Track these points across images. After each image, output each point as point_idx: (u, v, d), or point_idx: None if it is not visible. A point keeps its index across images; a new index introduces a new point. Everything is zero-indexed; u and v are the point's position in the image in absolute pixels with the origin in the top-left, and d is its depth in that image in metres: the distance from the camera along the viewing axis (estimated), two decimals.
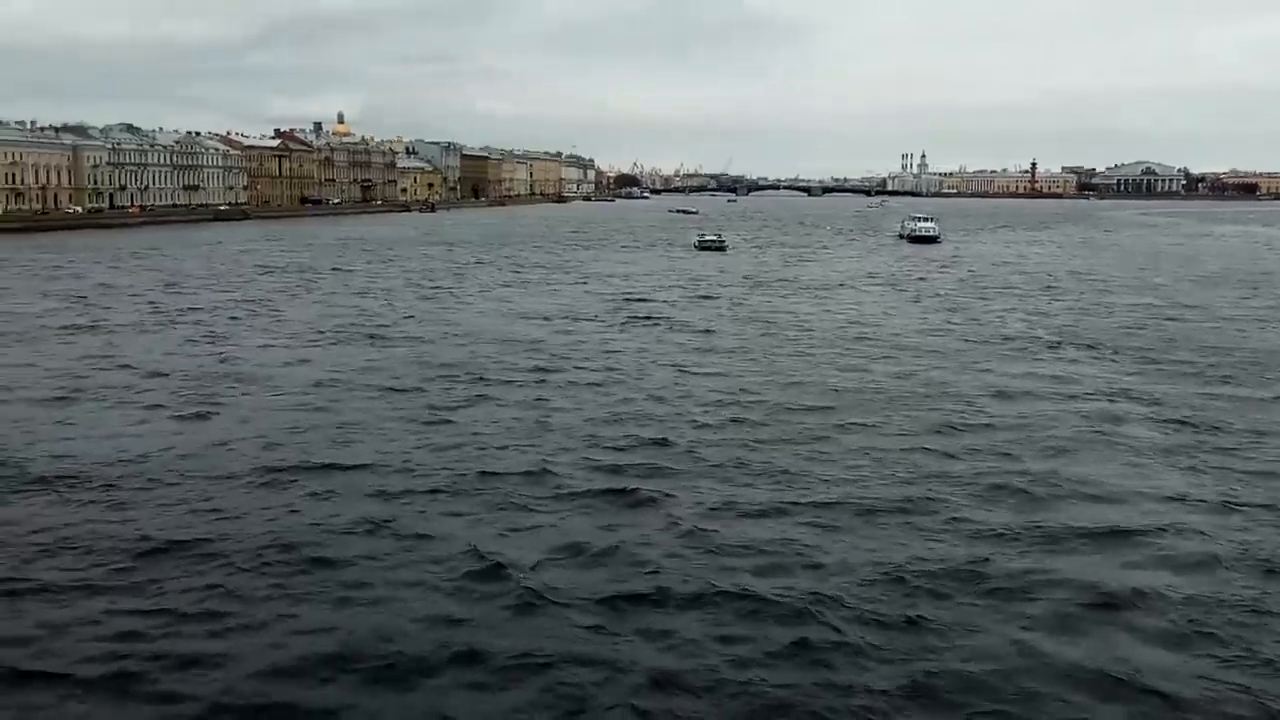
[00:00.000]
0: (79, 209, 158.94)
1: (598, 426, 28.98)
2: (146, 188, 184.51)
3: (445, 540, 20.07)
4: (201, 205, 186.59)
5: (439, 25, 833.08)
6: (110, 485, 23.34)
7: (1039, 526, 21.01)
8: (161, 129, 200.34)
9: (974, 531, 20.72)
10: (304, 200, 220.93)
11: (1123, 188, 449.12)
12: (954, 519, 21.40)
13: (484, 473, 24.38)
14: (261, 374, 36.54)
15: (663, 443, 27.14)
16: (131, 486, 23.24)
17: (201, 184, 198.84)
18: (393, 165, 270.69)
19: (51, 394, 33.08)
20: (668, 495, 22.79)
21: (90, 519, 21.21)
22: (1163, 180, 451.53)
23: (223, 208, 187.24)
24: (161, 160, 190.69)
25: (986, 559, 19.23)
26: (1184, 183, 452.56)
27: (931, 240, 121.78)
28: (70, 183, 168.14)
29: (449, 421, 29.62)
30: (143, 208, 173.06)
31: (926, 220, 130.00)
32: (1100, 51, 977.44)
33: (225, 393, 33.32)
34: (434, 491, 23.09)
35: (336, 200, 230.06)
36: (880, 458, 25.83)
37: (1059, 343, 45.21)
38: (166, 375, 36.15)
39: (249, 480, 23.77)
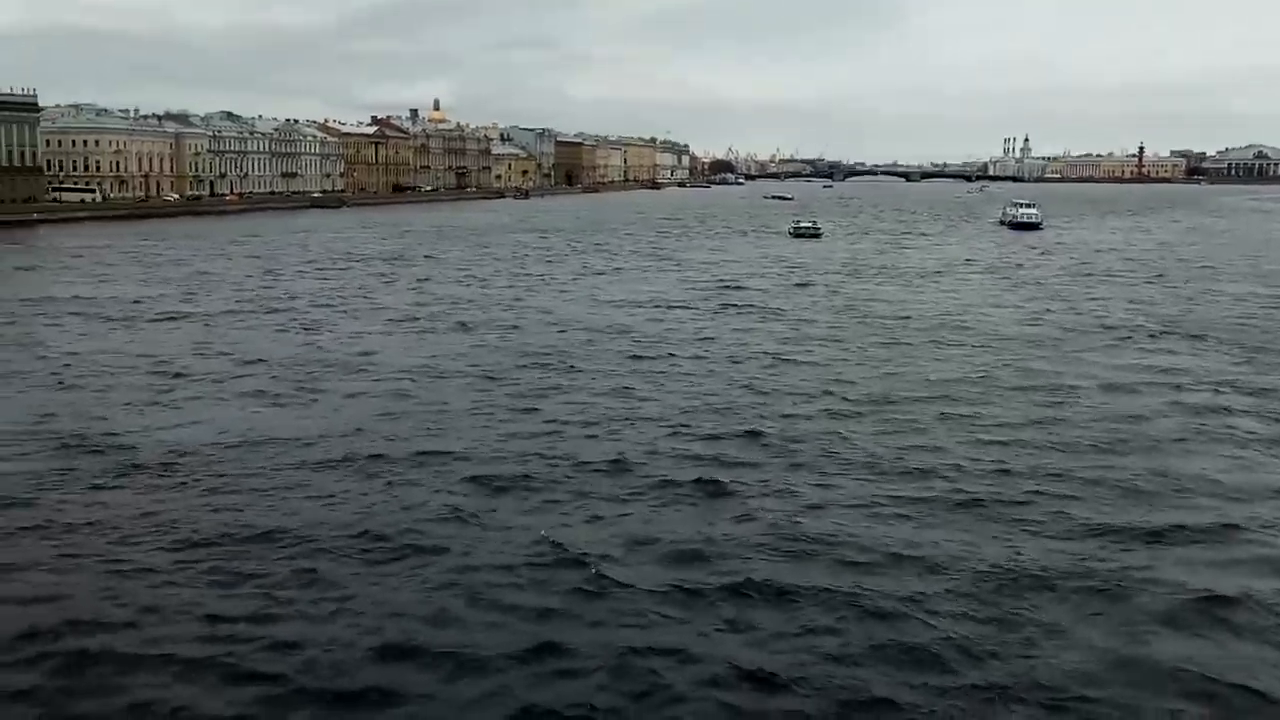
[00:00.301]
0: (175, 196, 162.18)
1: (689, 416, 28.84)
2: (246, 175, 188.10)
3: (531, 530, 20.13)
4: (298, 193, 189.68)
5: (536, 10, 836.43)
6: (212, 470, 23.87)
7: (1141, 522, 20.48)
8: (261, 116, 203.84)
9: (1075, 526, 20.27)
10: (396, 188, 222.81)
11: (1233, 172, 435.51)
12: (1054, 513, 20.96)
13: (574, 462, 24.41)
14: (357, 361, 37.05)
15: (754, 434, 26.96)
16: (233, 472, 23.73)
17: (299, 171, 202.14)
18: (487, 152, 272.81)
19: (155, 380, 33.90)
20: (758, 485, 22.68)
21: (192, 503, 21.73)
22: (1275, 164, 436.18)
23: (319, 195, 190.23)
24: (260, 148, 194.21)
25: (1088, 555, 18.80)
26: None
27: (1033, 227, 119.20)
28: (172, 170, 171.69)
29: (538, 409, 29.74)
30: (240, 195, 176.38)
31: (1028, 206, 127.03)
32: (1210, 32, 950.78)
33: (322, 380, 33.85)
34: (525, 477, 23.25)
35: (428, 187, 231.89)
36: (978, 451, 25.35)
37: (1164, 332, 44.09)
38: (265, 362, 36.83)
39: (344, 467, 24.10)
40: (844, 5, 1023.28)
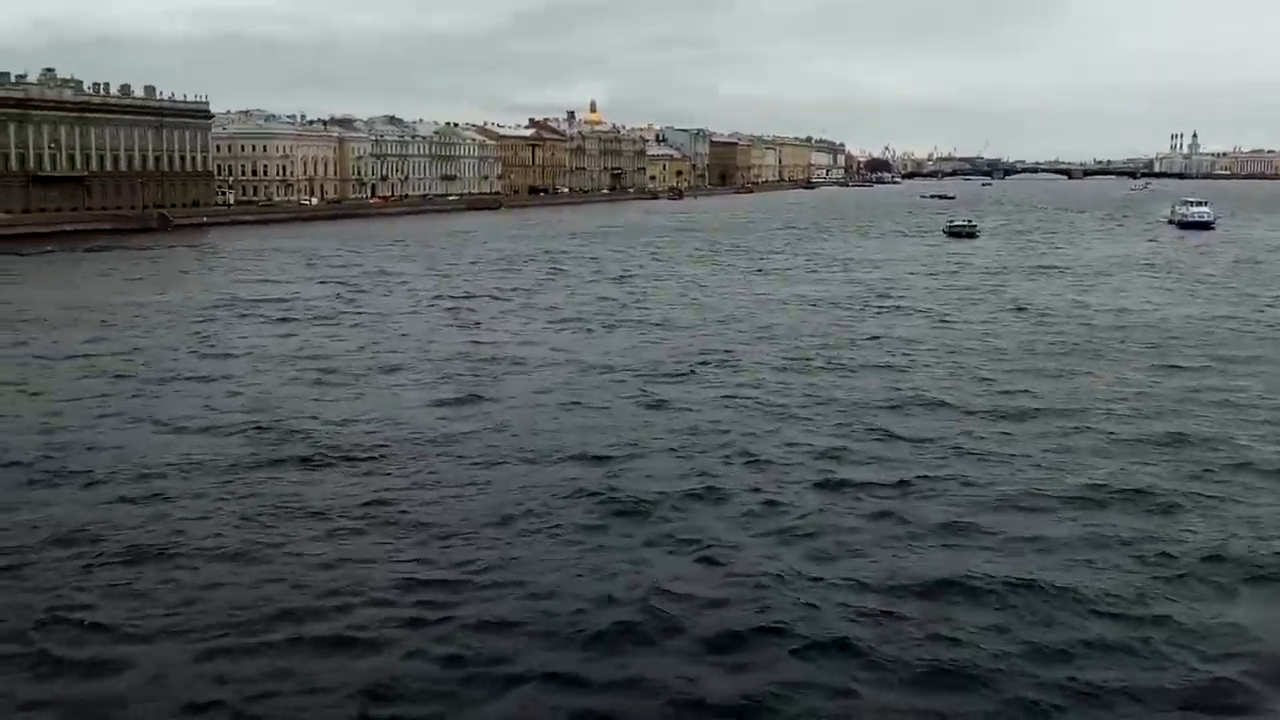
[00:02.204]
0: (312, 200, 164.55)
1: (847, 428, 28.31)
2: (406, 178, 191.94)
3: (693, 544, 20.16)
4: (441, 195, 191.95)
5: (689, 9, 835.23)
6: (392, 461, 24.91)
7: None
8: (421, 120, 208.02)
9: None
10: (531, 190, 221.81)
11: None
12: (1224, 527, 19.97)
13: (733, 474, 24.44)
14: (515, 362, 37.58)
15: (901, 438, 26.78)
16: (410, 463, 24.64)
17: (458, 174, 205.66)
18: (642, 153, 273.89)
19: (320, 376, 34.97)
20: (919, 504, 22.22)
21: (358, 494, 22.52)
22: None
23: (472, 195, 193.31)
24: (421, 151, 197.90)
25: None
26: None
27: (1205, 226, 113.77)
28: (335, 174, 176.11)
29: (692, 410, 29.84)
30: (387, 198, 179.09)
31: (1199, 204, 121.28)
32: None
33: (482, 379, 34.44)
34: (680, 475, 23.27)
35: (565, 189, 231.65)
36: (1156, 473, 24.00)
37: None
38: (425, 361, 37.67)
39: (502, 467, 24.51)
40: None
